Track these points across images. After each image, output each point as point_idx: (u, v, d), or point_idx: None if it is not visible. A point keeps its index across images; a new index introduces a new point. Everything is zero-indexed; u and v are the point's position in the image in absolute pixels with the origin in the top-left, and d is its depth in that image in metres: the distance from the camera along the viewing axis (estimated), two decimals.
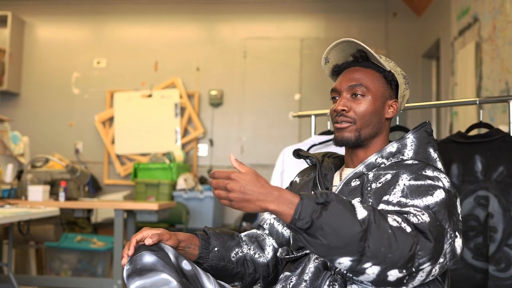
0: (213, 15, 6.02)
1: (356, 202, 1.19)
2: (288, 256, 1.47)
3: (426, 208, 1.24)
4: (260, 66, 5.93)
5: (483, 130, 2.86)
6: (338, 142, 1.48)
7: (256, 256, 1.57)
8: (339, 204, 1.15)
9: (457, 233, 1.26)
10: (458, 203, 1.33)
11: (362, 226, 1.13)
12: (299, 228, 1.14)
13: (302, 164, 2.53)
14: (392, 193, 1.31)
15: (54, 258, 4.40)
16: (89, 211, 3.82)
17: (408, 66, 5.62)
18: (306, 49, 5.92)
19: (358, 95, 1.46)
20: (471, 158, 2.09)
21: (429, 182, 1.30)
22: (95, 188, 5.62)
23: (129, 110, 5.81)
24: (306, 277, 1.38)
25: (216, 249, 1.52)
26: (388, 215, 1.19)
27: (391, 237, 1.14)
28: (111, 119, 5.90)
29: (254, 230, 1.66)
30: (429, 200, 1.25)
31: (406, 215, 1.20)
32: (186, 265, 1.39)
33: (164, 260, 1.31)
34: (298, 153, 1.66)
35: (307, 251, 1.44)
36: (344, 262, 1.15)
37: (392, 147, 1.44)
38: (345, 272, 1.20)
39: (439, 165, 1.44)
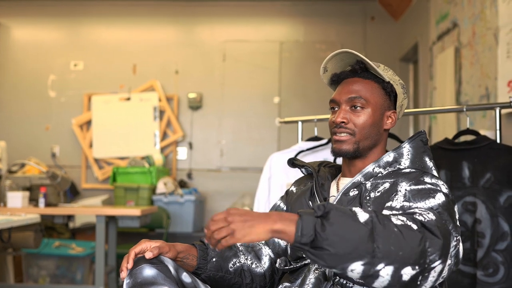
0: (192, 17, 5.99)
1: (356, 208, 1.18)
2: (287, 267, 1.47)
3: (430, 210, 1.25)
4: (239, 69, 5.92)
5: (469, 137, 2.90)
6: (336, 154, 1.49)
7: (253, 266, 1.57)
8: (338, 211, 1.14)
9: (459, 237, 1.27)
10: (456, 209, 1.35)
11: (366, 227, 1.12)
12: (304, 244, 1.13)
13: (290, 171, 2.54)
14: (395, 199, 1.31)
15: (32, 264, 4.33)
16: (69, 217, 3.76)
17: None
18: (285, 52, 5.93)
19: (358, 107, 1.47)
20: (458, 164, 2.12)
21: (429, 186, 1.31)
22: (72, 192, 5.54)
23: (107, 114, 5.75)
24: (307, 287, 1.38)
25: (214, 259, 1.51)
26: (391, 216, 1.19)
27: (398, 235, 1.13)
28: (88, 123, 5.83)
29: None
30: (431, 202, 1.27)
31: (411, 215, 1.21)
32: (186, 277, 1.38)
33: (164, 273, 1.30)
34: (293, 162, 1.66)
35: (306, 262, 1.45)
36: (357, 268, 1.13)
37: (389, 157, 1.46)
38: (358, 280, 1.17)
39: (435, 173, 1.46)
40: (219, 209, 5.66)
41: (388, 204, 1.31)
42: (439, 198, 1.28)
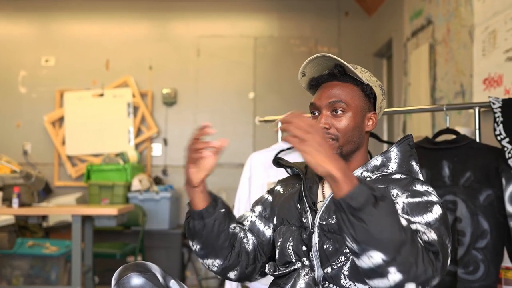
0: (166, 12, 5.93)
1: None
2: (276, 273, 1.47)
3: (428, 225, 1.26)
4: (214, 64, 5.89)
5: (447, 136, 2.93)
6: None
7: (244, 240, 1.59)
8: (392, 204, 1.18)
9: (450, 246, 1.30)
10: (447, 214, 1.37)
11: (405, 232, 1.16)
12: (348, 206, 1.14)
13: (270, 170, 2.53)
14: None
15: (5, 265, 4.25)
16: (44, 216, 3.70)
17: (359, 65, 5.68)
18: (260, 48, 5.92)
19: (339, 111, 1.46)
20: (438, 163, 2.14)
21: (426, 198, 1.32)
22: (45, 191, 5.45)
23: (80, 110, 5.66)
24: None
25: (222, 210, 1.55)
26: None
27: (420, 253, 1.17)
28: (61, 119, 5.73)
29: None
30: (429, 217, 1.28)
31: (416, 233, 1.23)
32: (174, 285, 1.37)
33: (152, 282, 1.28)
34: (278, 162, 1.65)
35: (295, 267, 1.44)
36: (376, 257, 1.15)
37: (377, 161, 1.46)
38: (364, 269, 1.20)
39: (421, 177, 1.47)
40: None
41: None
42: (436, 212, 1.30)
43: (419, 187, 1.36)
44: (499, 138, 1.99)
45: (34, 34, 5.92)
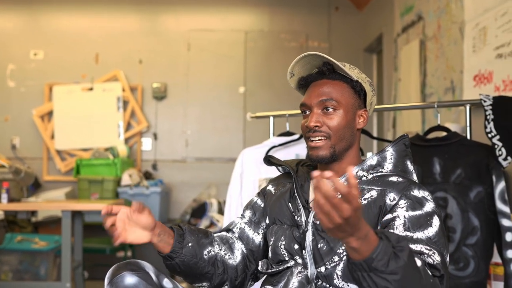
0: (156, 6, 5.89)
1: (405, 243, 1.17)
2: (269, 271, 1.47)
3: (429, 241, 1.28)
4: (204, 58, 5.87)
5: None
6: (313, 160, 1.48)
7: (227, 257, 1.56)
8: (408, 251, 1.15)
9: (447, 253, 1.32)
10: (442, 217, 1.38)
11: (423, 276, 1.17)
12: (371, 268, 1.11)
13: (262, 166, 2.52)
14: (395, 227, 1.31)
15: None
16: (33, 211, 3.68)
17: (349, 60, 5.62)
18: (250, 42, 5.91)
19: (330, 109, 1.46)
20: (429, 160, 2.15)
21: (425, 210, 1.33)
22: (34, 185, 5.41)
23: (69, 104, 5.62)
24: None
25: (190, 244, 1.48)
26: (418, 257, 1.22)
27: (429, 285, 1.19)
28: (50, 113, 5.68)
29: (224, 233, 1.63)
30: (430, 232, 1.30)
31: (420, 255, 1.24)
32: (167, 283, 1.36)
33: (146, 281, 1.28)
34: (269, 160, 1.65)
35: (288, 265, 1.45)
36: None
37: (372, 160, 1.46)
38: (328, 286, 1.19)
39: (415, 177, 1.48)
40: (185, 200, 5.64)
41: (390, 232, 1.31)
42: (435, 224, 1.32)
43: (416, 192, 1.37)
44: (489, 135, 2.00)
45: (22, 27, 5.86)
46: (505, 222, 1.96)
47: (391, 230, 1.31)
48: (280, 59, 5.80)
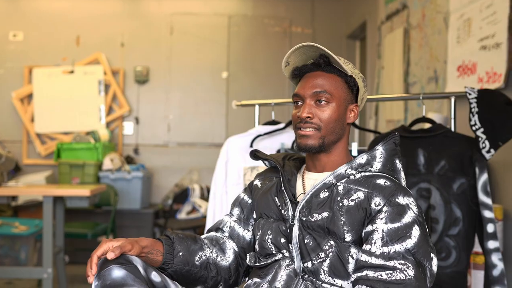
0: None
1: None
2: (257, 264, 1.47)
3: (408, 253, 1.29)
4: (187, 42, 5.83)
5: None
6: (301, 149, 1.48)
7: (219, 259, 1.56)
8: None
9: (432, 255, 1.33)
10: (425, 223, 1.39)
11: None
12: None
13: (247, 155, 2.53)
14: (373, 241, 1.33)
15: None
16: (14, 196, 3.63)
17: (333, 46, 5.70)
18: (233, 26, 5.87)
19: (323, 101, 1.46)
20: (414, 151, 2.17)
21: (404, 221, 1.33)
22: (14, 169, 5.35)
23: (49, 87, 5.54)
24: (279, 284, 1.39)
25: (180, 253, 1.49)
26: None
27: None
28: (29, 96, 5.60)
29: (213, 233, 1.64)
30: (408, 244, 1.31)
31: (392, 272, 1.28)
32: (155, 276, 1.36)
33: (134, 274, 1.27)
34: (255, 155, 1.64)
35: (276, 258, 1.45)
36: None
37: (362, 159, 1.46)
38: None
39: (402, 175, 1.48)
40: (167, 185, 5.63)
41: (367, 248, 1.33)
42: (415, 235, 1.32)
43: (400, 199, 1.36)
44: (474, 128, 2.02)
45: (1, 7, 5.74)
46: (487, 214, 1.99)
47: (368, 246, 1.33)
48: (263, 44, 5.78)
